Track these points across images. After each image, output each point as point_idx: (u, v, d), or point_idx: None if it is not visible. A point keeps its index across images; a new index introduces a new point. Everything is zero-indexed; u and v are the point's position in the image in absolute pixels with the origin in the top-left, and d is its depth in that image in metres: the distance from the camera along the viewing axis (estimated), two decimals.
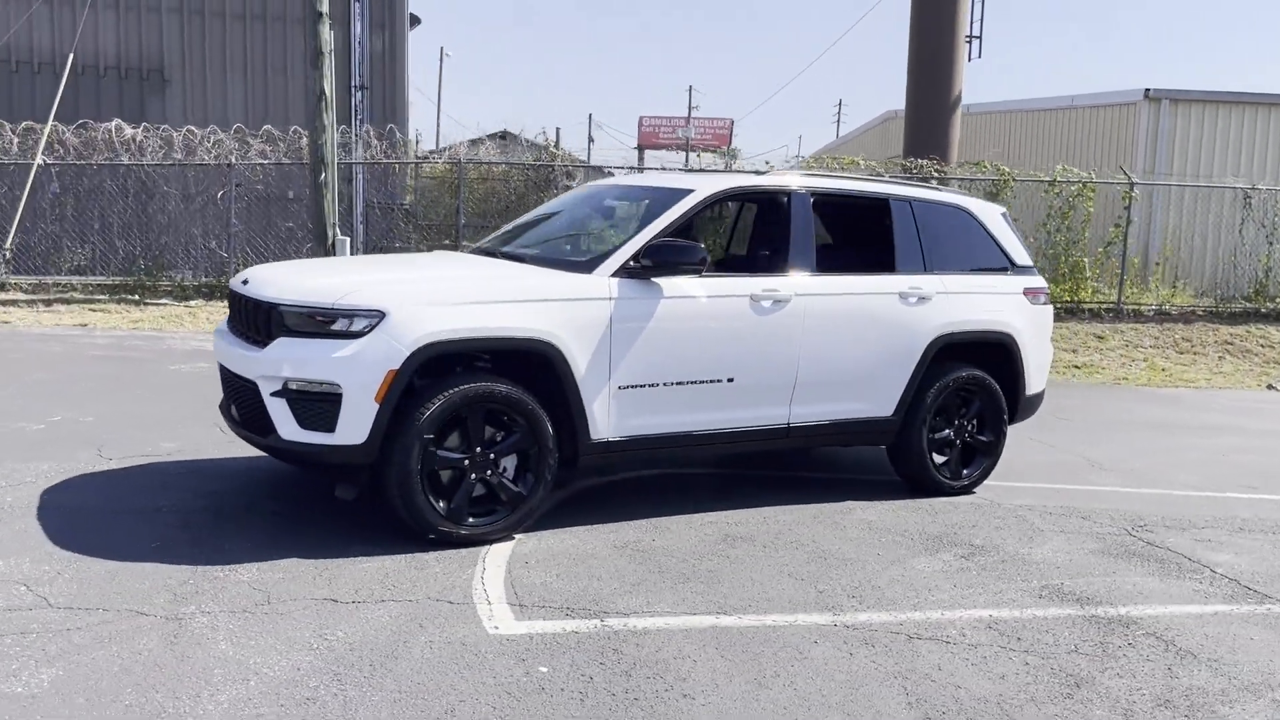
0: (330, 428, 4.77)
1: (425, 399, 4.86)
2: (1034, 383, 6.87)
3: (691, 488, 6.38)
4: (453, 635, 3.97)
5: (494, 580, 4.59)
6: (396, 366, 4.75)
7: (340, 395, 4.74)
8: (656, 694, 3.60)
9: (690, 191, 5.83)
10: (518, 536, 5.22)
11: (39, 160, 14.37)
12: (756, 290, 5.75)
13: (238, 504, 5.52)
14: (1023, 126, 24.22)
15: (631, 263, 5.40)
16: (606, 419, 5.34)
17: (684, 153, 45.06)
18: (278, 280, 5.18)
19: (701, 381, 5.60)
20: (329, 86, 13.64)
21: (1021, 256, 6.94)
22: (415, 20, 30.14)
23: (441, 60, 67.24)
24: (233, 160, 14.92)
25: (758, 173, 7.25)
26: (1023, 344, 6.69)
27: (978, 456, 6.71)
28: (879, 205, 6.58)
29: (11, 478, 5.78)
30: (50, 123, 14.47)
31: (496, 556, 4.91)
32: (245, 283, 5.32)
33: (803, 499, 6.24)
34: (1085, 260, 16.02)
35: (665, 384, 5.49)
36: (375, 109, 19.28)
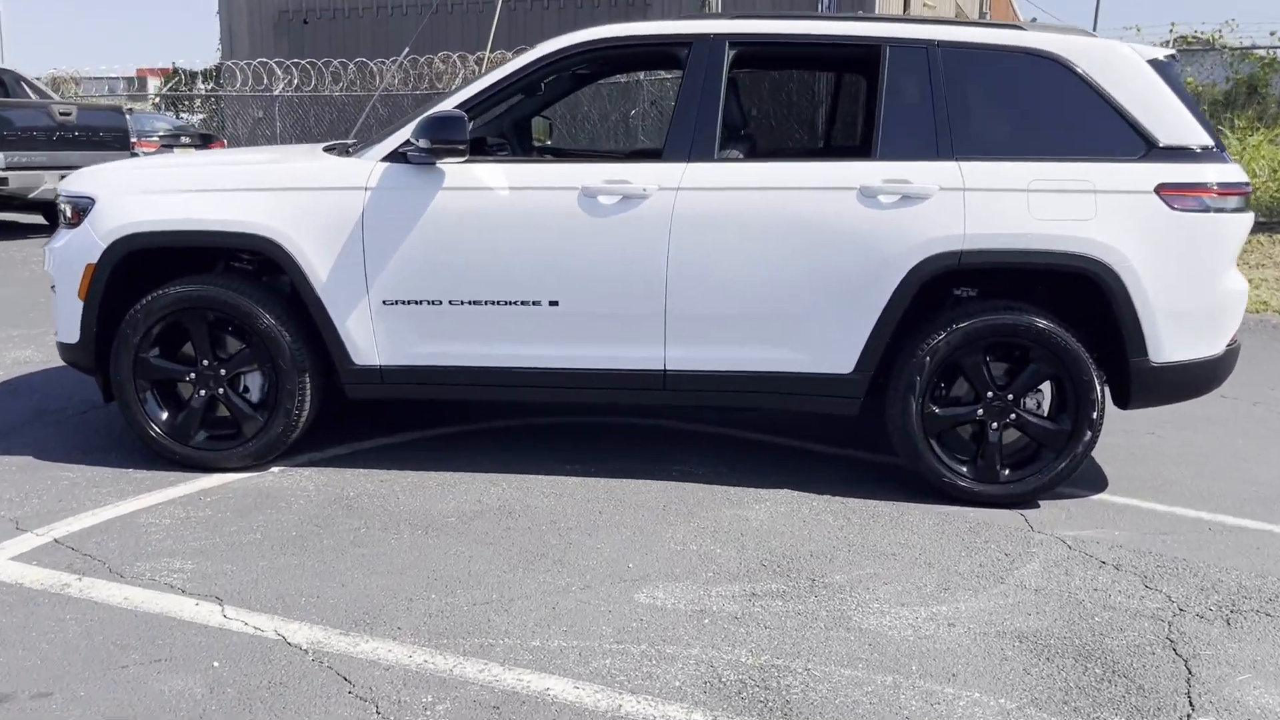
0: (58, 325, 4.50)
1: (138, 300, 4.32)
2: (1172, 342, 4.08)
3: (621, 441, 4.94)
4: None
5: (109, 512, 3.97)
6: (94, 260, 4.28)
7: (55, 289, 4.44)
8: None
9: (535, 48, 4.37)
10: (276, 469, 4.48)
11: None
12: (594, 181, 4.15)
13: None
14: None
15: (406, 145, 4.22)
16: (370, 342, 4.30)
17: None
18: None
19: (507, 303, 4.23)
20: None
21: (1175, 132, 4.09)
22: None
23: None
24: (641, 77, 14.96)
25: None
26: (1135, 275, 3.99)
27: (1042, 452, 4.22)
28: (861, 57, 4.36)
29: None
30: (489, 52, 15.81)
31: (188, 487, 4.24)
32: None
33: (745, 480, 4.46)
34: None
35: (453, 302, 4.25)
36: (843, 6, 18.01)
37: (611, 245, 4.15)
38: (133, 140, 13.22)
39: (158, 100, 23.16)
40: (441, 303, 4.25)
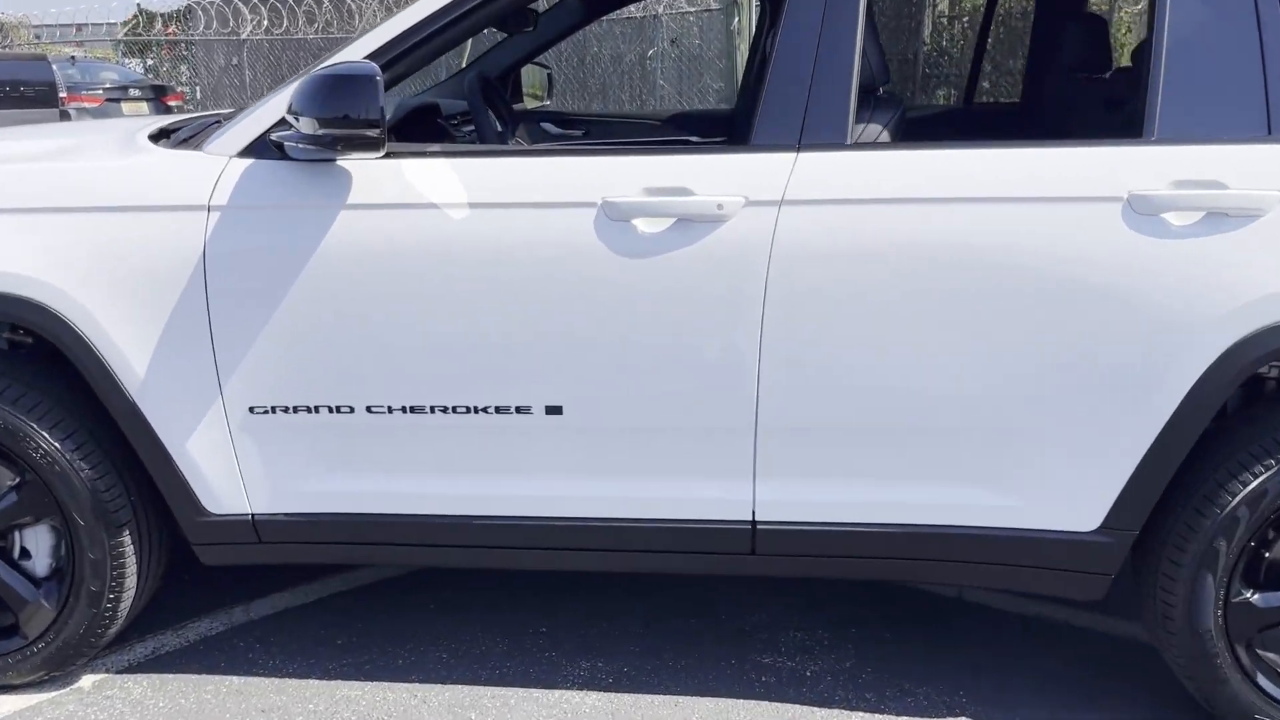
0: None
1: None
2: None
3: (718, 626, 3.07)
4: None
5: None
6: None
7: None
8: None
9: None
10: (91, 679, 2.65)
11: None
12: (625, 191, 2.24)
13: None
14: None
15: (280, 128, 2.31)
16: (233, 476, 2.43)
17: None
18: None
19: (470, 409, 2.35)
20: None
21: None
22: None
23: None
24: (659, 10, 12.90)
25: None
26: None
27: None
28: None
29: None
30: None
31: None
32: None
33: (886, 696, 2.62)
34: None
35: (373, 409, 2.37)
36: None
37: (657, 308, 2.26)
38: (62, 95, 11.24)
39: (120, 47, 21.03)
40: (353, 409, 2.37)
